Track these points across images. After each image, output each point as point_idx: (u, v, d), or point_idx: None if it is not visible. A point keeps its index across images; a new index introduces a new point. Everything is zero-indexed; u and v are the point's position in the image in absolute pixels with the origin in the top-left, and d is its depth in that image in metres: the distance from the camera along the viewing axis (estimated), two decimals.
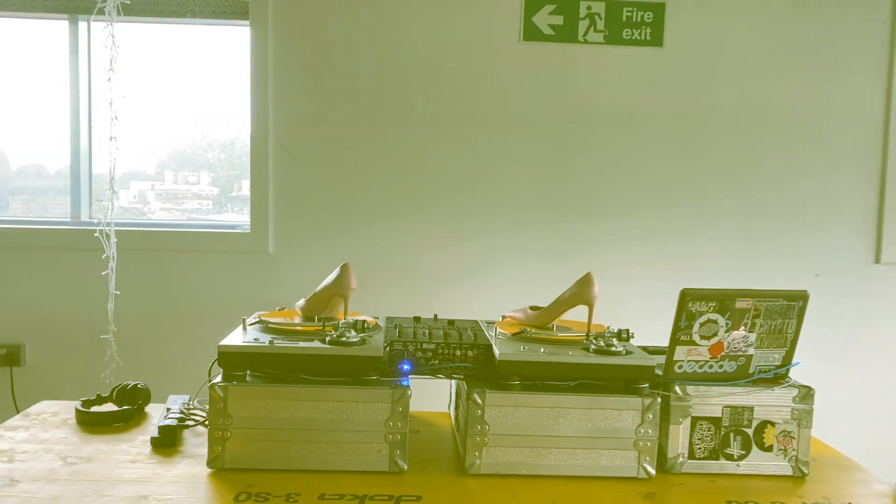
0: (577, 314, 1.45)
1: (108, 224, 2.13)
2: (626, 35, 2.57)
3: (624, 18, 2.56)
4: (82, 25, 2.75)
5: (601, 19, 2.55)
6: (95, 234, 2.19)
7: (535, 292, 2.61)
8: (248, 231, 2.59)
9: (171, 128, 2.87)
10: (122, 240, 2.42)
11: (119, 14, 2.11)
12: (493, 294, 2.66)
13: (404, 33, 2.60)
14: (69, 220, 2.74)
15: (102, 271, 2.23)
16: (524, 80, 2.59)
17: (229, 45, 2.80)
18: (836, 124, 2.65)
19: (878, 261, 2.66)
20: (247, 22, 2.64)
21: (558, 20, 2.55)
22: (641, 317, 2.25)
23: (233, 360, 1.24)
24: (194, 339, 2.56)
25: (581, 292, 1.40)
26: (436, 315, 1.59)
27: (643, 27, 2.56)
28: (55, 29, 2.75)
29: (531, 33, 2.55)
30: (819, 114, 2.64)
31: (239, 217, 2.84)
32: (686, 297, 1.28)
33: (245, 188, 2.84)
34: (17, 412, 1.45)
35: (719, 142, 2.66)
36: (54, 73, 2.75)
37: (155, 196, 2.95)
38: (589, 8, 2.54)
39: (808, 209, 2.67)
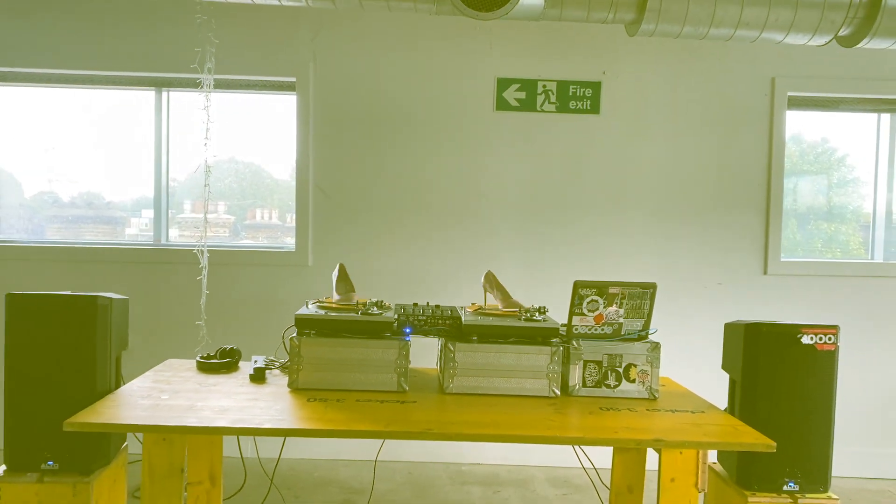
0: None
1: (203, 245, 2.97)
2: (572, 105, 3.41)
3: (570, 93, 3.40)
4: (164, 94, 3.61)
5: (553, 94, 3.40)
6: (194, 251, 3.03)
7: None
8: (294, 250, 3.44)
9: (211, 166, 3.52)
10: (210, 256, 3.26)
11: (210, 89, 2.97)
12: (473, 290, 3.46)
13: (410, 103, 3.45)
14: (152, 242, 3.58)
15: (197, 277, 3.07)
16: (497, 139, 3.45)
17: (276, 111, 3.65)
18: (732, 171, 3.47)
19: (765, 272, 3.47)
20: (293, 93, 3.50)
21: (522, 95, 3.40)
22: None
23: (305, 323, 2.06)
24: (258, 323, 3.40)
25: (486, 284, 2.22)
26: (428, 302, 2.40)
27: (585, 99, 3.41)
28: (144, 97, 3.62)
29: (502, 105, 3.41)
30: (719, 163, 3.47)
31: (254, 243, 3.57)
32: (577, 286, 2.09)
33: (258, 216, 3.65)
34: (124, 383, 2.20)
35: (643, 185, 3.49)
36: (138, 131, 3.59)
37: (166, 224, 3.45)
38: (544, 86, 3.39)
39: (712, 233, 3.49)
